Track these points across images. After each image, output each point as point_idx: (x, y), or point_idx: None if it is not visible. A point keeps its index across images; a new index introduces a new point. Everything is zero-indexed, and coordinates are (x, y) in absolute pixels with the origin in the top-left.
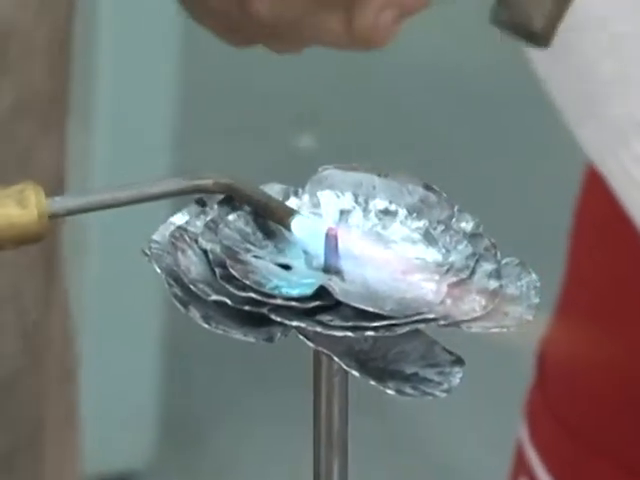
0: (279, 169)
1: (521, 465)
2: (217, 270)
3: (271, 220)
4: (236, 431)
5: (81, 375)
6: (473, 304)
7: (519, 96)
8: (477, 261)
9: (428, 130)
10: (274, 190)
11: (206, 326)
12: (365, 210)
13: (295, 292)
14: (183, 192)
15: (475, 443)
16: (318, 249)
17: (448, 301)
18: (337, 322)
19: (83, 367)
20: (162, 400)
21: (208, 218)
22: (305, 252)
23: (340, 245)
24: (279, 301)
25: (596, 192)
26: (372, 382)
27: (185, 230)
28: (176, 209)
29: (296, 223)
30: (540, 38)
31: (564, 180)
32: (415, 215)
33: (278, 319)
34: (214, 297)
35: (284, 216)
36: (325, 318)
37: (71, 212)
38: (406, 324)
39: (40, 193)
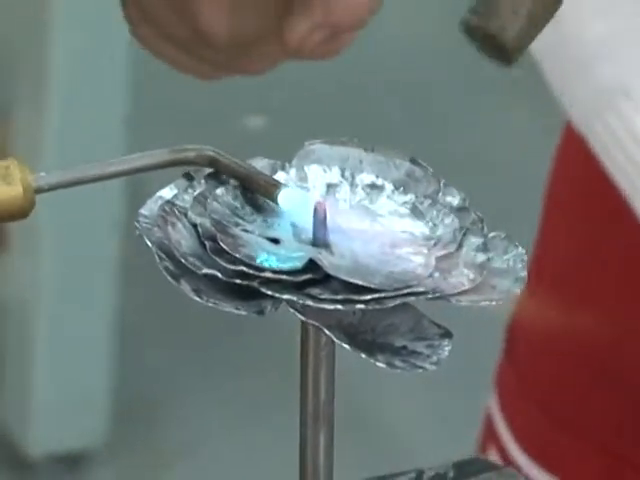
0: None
1: (490, 435)
2: (207, 244)
3: (257, 193)
4: (189, 412)
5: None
6: (461, 277)
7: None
8: (464, 235)
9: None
10: (261, 164)
11: (198, 299)
12: (352, 184)
13: (285, 265)
14: (166, 164)
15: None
16: (305, 221)
17: (436, 274)
18: (327, 295)
19: (38, 349)
20: (115, 381)
21: (196, 192)
22: (293, 226)
23: (328, 219)
24: (269, 274)
25: (572, 157)
26: (362, 355)
27: (174, 204)
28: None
29: (283, 195)
30: (507, 53)
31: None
32: (402, 189)
33: (269, 292)
34: (205, 270)
35: (270, 188)
36: (315, 291)
37: (56, 187)
38: (396, 297)
39: (25, 169)
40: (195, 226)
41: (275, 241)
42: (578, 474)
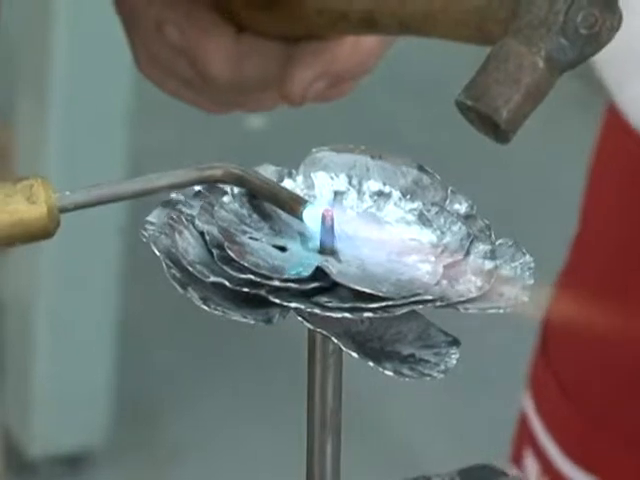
0: (231, 150)
1: (526, 436)
2: (214, 251)
3: (282, 210)
4: (190, 411)
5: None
6: (469, 285)
7: None
8: (472, 242)
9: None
10: (268, 172)
11: (205, 308)
12: (359, 192)
13: (292, 274)
14: (192, 183)
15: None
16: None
17: (444, 282)
18: (335, 303)
19: (39, 348)
20: (116, 381)
21: (203, 200)
22: (301, 234)
23: (336, 226)
24: (277, 283)
25: (616, 156)
26: (370, 363)
27: (181, 211)
28: None
29: (308, 213)
30: (502, 132)
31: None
32: (409, 197)
33: (277, 301)
34: (213, 279)
35: (295, 206)
36: (322, 299)
37: (80, 206)
38: (403, 305)
39: (49, 188)
40: (202, 234)
41: (282, 249)
42: (617, 473)
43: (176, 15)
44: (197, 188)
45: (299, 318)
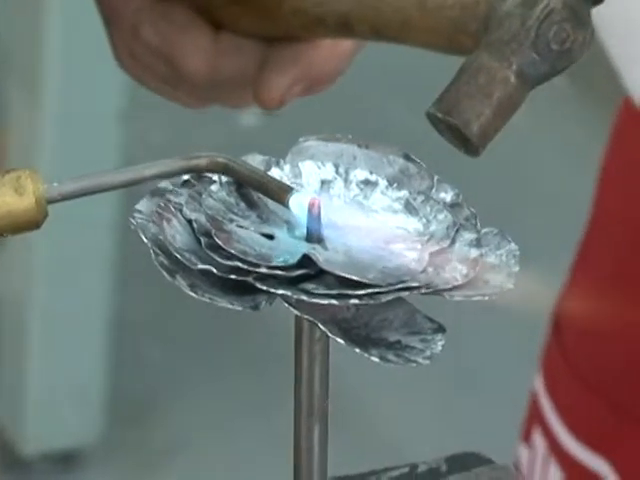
0: (226, 146)
1: (535, 416)
2: (202, 239)
3: (268, 198)
4: (184, 411)
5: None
6: (454, 273)
7: None
8: (457, 230)
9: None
10: (256, 161)
11: (193, 294)
12: (346, 180)
13: (279, 261)
14: (179, 172)
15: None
16: (301, 217)
17: (430, 269)
18: (321, 290)
19: (32, 347)
20: (110, 379)
21: (192, 189)
22: (288, 222)
23: (322, 214)
24: (264, 270)
25: (632, 147)
26: (356, 349)
27: (169, 200)
28: None
29: (294, 201)
30: (473, 146)
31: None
32: (395, 185)
33: (264, 287)
34: (200, 266)
35: (282, 194)
36: (309, 286)
37: (68, 197)
38: (390, 292)
39: (37, 179)
40: (190, 222)
41: (269, 237)
42: (626, 455)
43: (152, 15)
44: (185, 177)
45: (286, 304)
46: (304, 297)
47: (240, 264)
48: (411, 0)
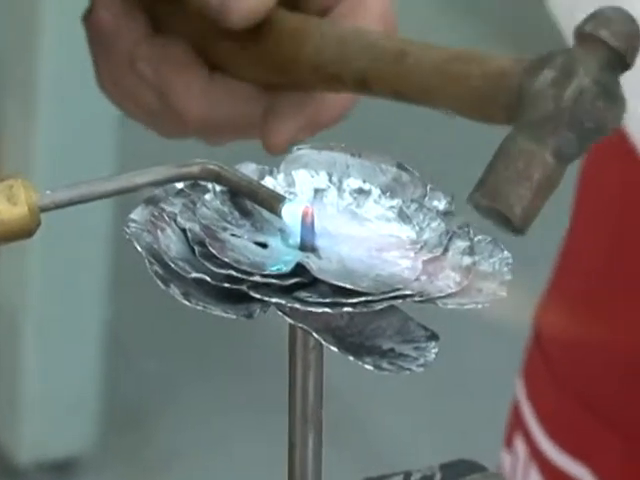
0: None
1: (517, 422)
2: (196, 248)
3: (260, 207)
4: (179, 418)
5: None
6: (447, 280)
7: None
8: (450, 238)
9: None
10: (249, 169)
11: (187, 303)
12: (339, 189)
13: (273, 269)
14: (171, 180)
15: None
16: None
17: (423, 278)
18: (315, 299)
19: (26, 355)
20: (105, 388)
21: (186, 198)
22: (281, 230)
23: (316, 223)
24: (258, 278)
25: (607, 165)
26: (350, 357)
27: (163, 209)
28: None
29: (286, 210)
30: (516, 227)
31: None
32: (389, 194)
33: (257, 296)
34: (194, 275)
35: (274, 202)
36: (303, 295)
37: (61, 205)
38: (383, 300)
39: (29, 188)
40: (184, 231)
41: (263, 245)
42: (606, 461)
43: (150, 51)
44: (179, 186)
45: (280, 313)
46: (298, 305)
47: (234, 273)
48: (431, 66)
